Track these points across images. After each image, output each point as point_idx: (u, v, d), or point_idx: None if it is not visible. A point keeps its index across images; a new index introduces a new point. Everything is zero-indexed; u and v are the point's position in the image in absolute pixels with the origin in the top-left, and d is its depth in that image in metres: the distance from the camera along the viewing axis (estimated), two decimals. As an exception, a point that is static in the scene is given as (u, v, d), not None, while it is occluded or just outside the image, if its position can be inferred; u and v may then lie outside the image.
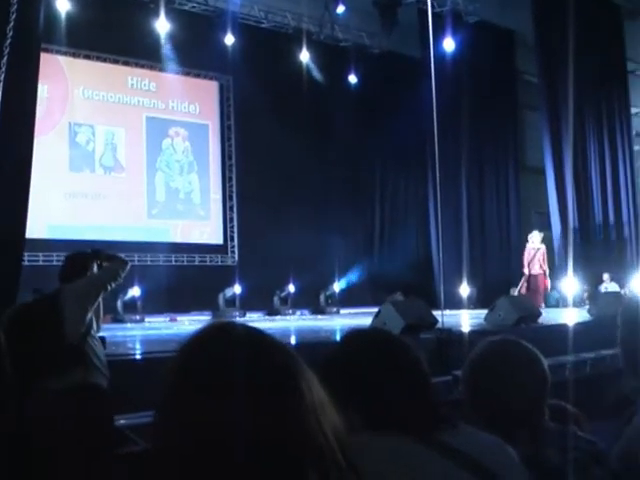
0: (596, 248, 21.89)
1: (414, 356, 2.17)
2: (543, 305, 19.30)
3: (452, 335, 10.85)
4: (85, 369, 5.54)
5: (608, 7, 22.14)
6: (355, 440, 1.78)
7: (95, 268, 5.94)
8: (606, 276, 20.99)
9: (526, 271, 19.78)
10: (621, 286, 20.26)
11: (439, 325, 11.63)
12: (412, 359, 2.16)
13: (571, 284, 19.83)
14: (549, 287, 20.81)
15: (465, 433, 2.03)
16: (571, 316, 16.25)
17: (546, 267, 19.95)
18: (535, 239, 20.08)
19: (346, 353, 2.14)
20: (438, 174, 18.68)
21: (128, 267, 6.08)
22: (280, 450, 1.32)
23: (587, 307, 16.78)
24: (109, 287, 5.94)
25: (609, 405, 3.08)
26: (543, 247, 20.05)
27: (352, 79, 23.45)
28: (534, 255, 19.77)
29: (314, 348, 8.97)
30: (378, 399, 1.99)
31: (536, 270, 19.66)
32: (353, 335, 2.21)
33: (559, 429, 2.50)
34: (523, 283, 19.93)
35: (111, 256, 6.10)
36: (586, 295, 20.36)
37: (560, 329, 13.24)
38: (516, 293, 19.47)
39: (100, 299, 5.89)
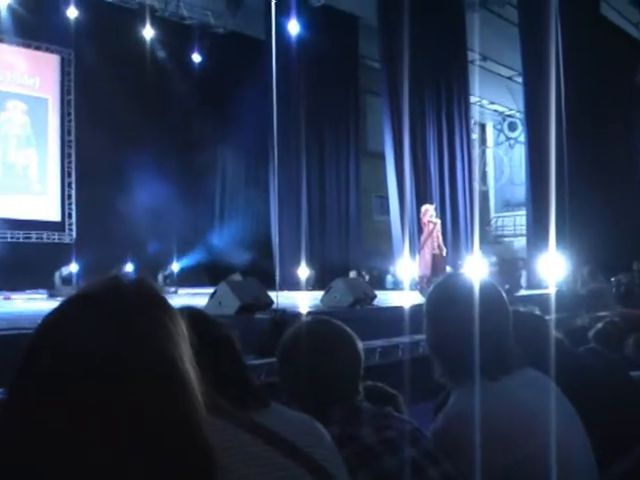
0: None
1: (225, 335, 2.19)
2: None
3: (286, 316, 10.88)
4: None
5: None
6: None
7: None
8: (442, 260, 21.43)
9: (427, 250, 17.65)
10: (456, 270, 20.69)
11: (274, 306, 11.74)
12: (223, 337, 2.18)
13: (407, 267, 20.14)
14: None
15: (276, 412, 2.05)
16: (407, 299, 16.50)
17: (442, 246, 17.98)
18: (432, 212, 17.90)
19: None
20: (277, 156, 18.83)
21: None
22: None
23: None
24: None
25: (431, 387, 3.13)
26: (439, 222, 18.07)
27: (196, 58, 23.43)
28: (432, 230, 17.59)
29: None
30: None
31: (435, 249, 17.51)
32: None
33: (373, 409, 2.55)
34: (420, 263, 17.86)
35: None
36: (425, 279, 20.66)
37: (395, 311, 13.51)
38: (417, 276, 18.37)
39: None
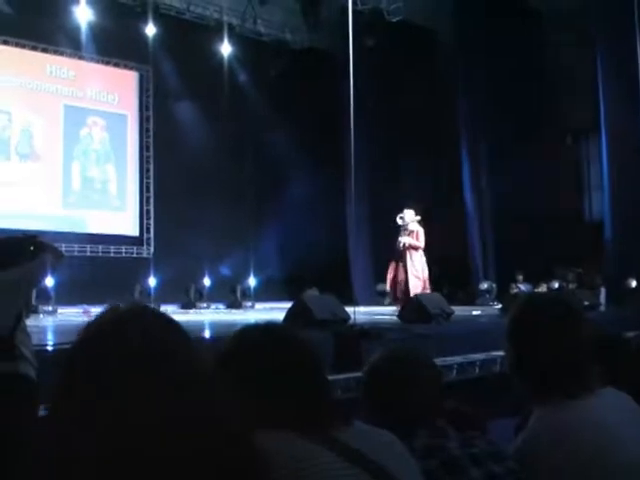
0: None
1: (308, 352, 2.12)
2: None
3: (363, 331, 10.86)
4: (15, 361, 5.37)
5: (530, 15, 22.35)
6: None
7: (30, 256, 5.72)
8: (520, 276, 21.10)
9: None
10: (535, 286, 20.34)
11: (351, 321, 11.68)
12: (306, 354, 2.11)
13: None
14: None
15: (358, 430, 2.01)
16: (484, 314, 16.40)
17: (409, 262, 16.54)
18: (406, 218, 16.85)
19: (238, 348, 2.10)
20: (354, 171, 18.77)
21: (63, 260, 5.87)
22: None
23: (500, 306, 16.94)
24: (42, 280, 5.74)
25: (511, 403, 3.09)
26: (417, 230, 16.79)
27: (273, 73, 23.42)
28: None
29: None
30: (269, 395, 1.96)
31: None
32: (246, 330, 2.15)
33: (457, 432, 2.52)
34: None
35: (47, 245, 5.85)
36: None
37: (472, 327, 13.41)
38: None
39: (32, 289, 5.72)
